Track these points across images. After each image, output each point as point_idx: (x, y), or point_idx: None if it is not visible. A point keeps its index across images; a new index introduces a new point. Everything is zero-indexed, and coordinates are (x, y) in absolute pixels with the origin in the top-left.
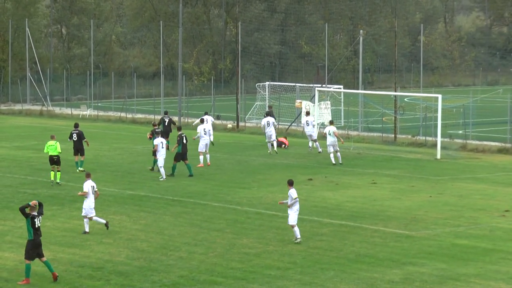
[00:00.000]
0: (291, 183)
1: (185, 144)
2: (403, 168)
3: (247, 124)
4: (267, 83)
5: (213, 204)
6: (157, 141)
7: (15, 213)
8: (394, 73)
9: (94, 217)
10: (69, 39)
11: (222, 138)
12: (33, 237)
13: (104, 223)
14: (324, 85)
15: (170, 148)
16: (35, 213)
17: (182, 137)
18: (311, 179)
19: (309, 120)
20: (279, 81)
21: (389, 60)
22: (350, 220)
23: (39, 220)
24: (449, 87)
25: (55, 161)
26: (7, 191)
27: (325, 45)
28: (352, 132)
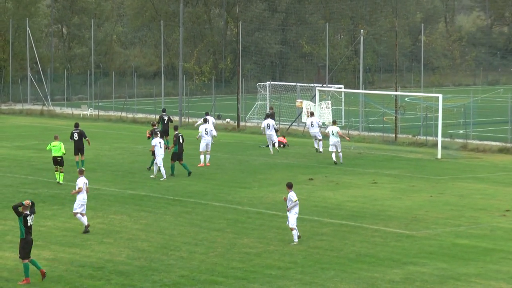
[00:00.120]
0: (290, 186)
1: (181, 144)
2: (403, 167)
3: (248, 124)
4: (268, 82)
5: (214, 203)
6: (155, 142)
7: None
8: (394, 72)
9: (78, 215)
10: (69, 39)
11: (223, 138)
12: (25, 236)
13: (86, 224)
14: (324, 85)
15: (168, 147)
16: (27, 211)
17: (178, 136)
18: (311, 179)
19: (314, 121)
20: (279, 81)
21: (389, 59)
22: (350, 220)
23: (31, 219)
24: (450, 87)
25: (58, 161)
26: (7, 191)
27: (325, 45)
28: (353, 132)
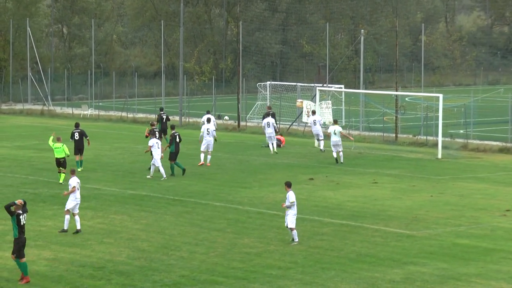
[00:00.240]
0: (289, 185)
1: (178, 143)
2: (404, 167)
3: (248, 124)
4: (268, 82)
5: (214, 203)
6: (152, 142)
7: None
8: (395, 72)
9: (76, 216)
10: (70, 39)
11: (223, 138)
12: (18, 235)
13: (78, 228)
14: (325, 85)
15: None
16: (20, 211)
17: (175, 136)
18: (312, 179)
19: (316, 119)
20: (280, 81)
21: (390, 59)
22: (351, 220)
23: (24, 218)
24: (450, 87)
25: (61, 163)
26: (8, 191)
27: (326, 45)
28: (353, 132)
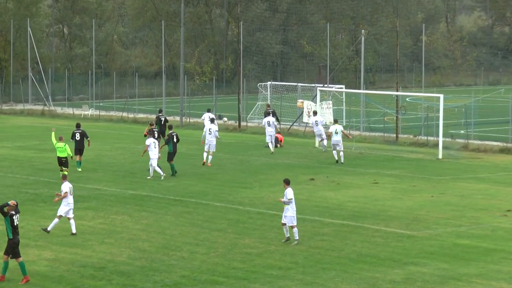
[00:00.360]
0: (287, 182)
1: (175, 144)
2: (404, 168)
3: (249, 124)
4: (269, 83)
5: (215, 204)
6: (149, 141)
7: None
8: (396, 73)
9: (71, 220)
10: (70, 39)
11: (224, 138)
12: (12, 236)
13: (73, 232)
14: (325, 85)
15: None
16: (13, 211)
17: (172, 136)
18: (312, 179)
19: (318, 120)
20: (280, 81)
21: (390, 60)
22: (351, 220)
23: (17, 218)
24: (451, 87)
25: (63, 162)
26: (8, 191)
27: (326, 45)
28: (354, 132)
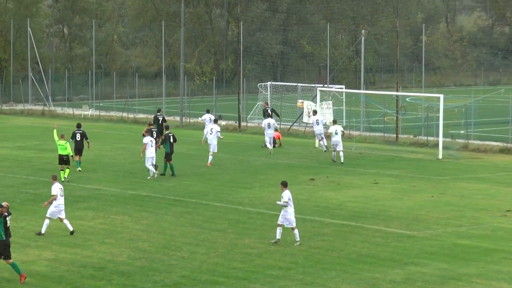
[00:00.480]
0: (285, 185)
1: (172, 144)
2: (404, 168)
3: (249, 124)
4: (269, 83)
5: (215, 204)
6: (146, 140)
7: (16, 213)
8: (396, 73)
9: (64, 220)
10: (71, 39)
11: (224, 138)
12: (5, 237)
13: (71, 230)
14: (326, 85)
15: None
16: (5, 212)
17: (169, 136)
18: (313, 179)
19: (319, 119)
20: (281, 81)
21: (391, 60)
22: (351, 220)
23: (9, 220)
24: (451, 87)
25: (64, 160)
26: (8, 191)
27: (327, 45)
28: (354, 132)
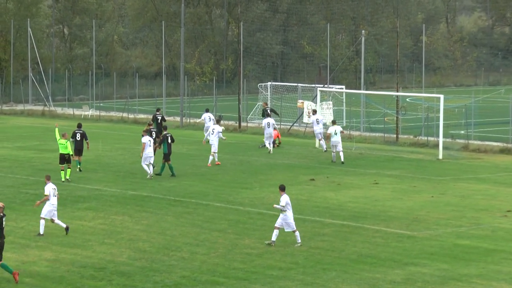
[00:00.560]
0: (282, 189)
1: (169, 144)
2: (405, 168)
3: (249, 124)
4: (269, 83)
5: (215, 204)
6: (145, 140)
7: (17, 213)
8: (396, 73)
9: (56, 220)
10: (71, 39)
11: (226, 139)
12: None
13: (65, 227)
14: (326, 85)
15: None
16: (1, 213)
17: (166, 137)
18: (313, 179)
19: (319, 118)
20: (281, 81)
21: (391, 60)
22: (352, 221)
23: (4, 221)
24: (451, 87)
25: (66, 159)
26: (9, 192)
27: (327, 45)
28: (354, 132)
